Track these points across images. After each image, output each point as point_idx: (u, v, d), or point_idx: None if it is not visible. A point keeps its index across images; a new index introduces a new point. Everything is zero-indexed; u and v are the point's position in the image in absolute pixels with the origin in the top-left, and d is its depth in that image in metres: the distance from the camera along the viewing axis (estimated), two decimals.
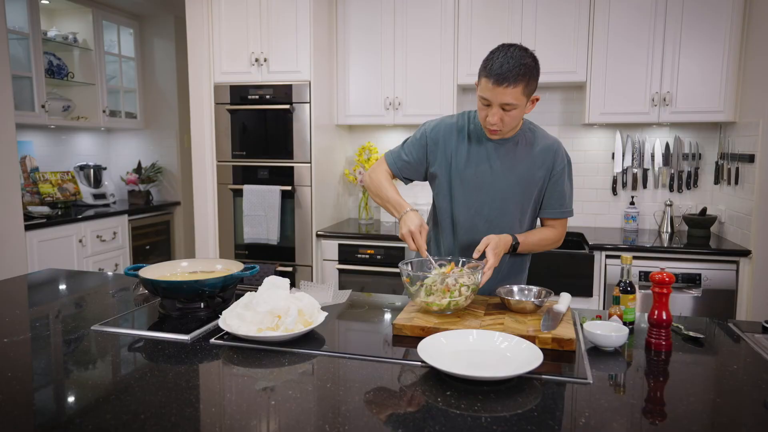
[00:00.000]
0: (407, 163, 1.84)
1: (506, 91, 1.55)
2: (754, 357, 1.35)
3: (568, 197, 1.81)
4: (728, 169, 3.14)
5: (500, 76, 1.54)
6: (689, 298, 2.90)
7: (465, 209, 1.79)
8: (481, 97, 1.62)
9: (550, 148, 1.78)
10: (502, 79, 1.54)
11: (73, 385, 1.21)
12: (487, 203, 1.77)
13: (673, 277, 1.37)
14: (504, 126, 1.64)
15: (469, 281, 1.53)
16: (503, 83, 1.54)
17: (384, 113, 3.54)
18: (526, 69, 1.56)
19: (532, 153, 1.76)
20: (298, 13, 3.26)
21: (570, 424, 1.02)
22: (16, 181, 3.26)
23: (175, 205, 4.80)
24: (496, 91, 1.56)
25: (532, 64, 1.58)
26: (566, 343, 1.35)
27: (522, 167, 1.75)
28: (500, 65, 1.54)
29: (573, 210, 1.84)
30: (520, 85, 1.56)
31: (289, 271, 3.42)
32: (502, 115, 1.61)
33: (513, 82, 1.54)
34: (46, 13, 4.15)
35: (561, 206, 1.81)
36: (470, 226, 1.80)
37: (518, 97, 1.57)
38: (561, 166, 1.78)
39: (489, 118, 1.62)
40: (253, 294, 1.48)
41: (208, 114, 3.46)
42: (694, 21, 3.06)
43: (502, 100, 1.57)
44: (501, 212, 1.77)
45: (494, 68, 1.55)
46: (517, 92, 1.56)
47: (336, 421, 1.02)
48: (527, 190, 1.77)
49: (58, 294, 1.98)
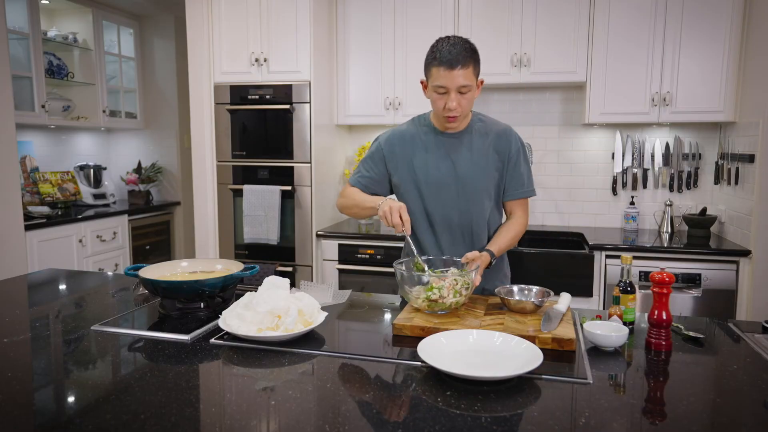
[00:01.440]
0: (370, 178, 1.89)
1: (460, 73, 1.64)
2: (754, 357, 1.35)
3: (526, 177, 1.86)
4: (728, 169, 3.14)
5: (451, 60, 1.63)
6: (689, 298, 2.90)
7: (439, 206, 1.83)
8: (436, 87, 1.68)
9: (503, 134, 1.83)
10: (454, 62, 1.62)
11: (73, 385, 1.21)
12: (456, 197, 1.82)
13: (673, 277, 1.37)
14: (463, 110, 1.71)
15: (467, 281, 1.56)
16: (456, 66, 1.63)
17: (384, 113, 3.54)
18: (472, 51, 1.67)
19: (488, 140, 1.81)
20: (298, 13, 3.26)
21: (570, 424, 1.02)
22: (16, 181, 3.26)
23: (175, 205, 4.80)
24: (450, 75, 1.64)
25: (474, 47, 1.68)
26: (566, 343, 1.35)
27: (480, 156, 1.81)
28: (449, 51, 1.63)
29: (534, 189, 1.89)
30: (470, 65, 1.65)
31: (289, 271, 3.42)
32: (459, 99, 1.68)
33: (464, 63, 1.64)
34: (46, 13, 4.15)
35: (521, 186, 1.85)
36: (446, 221, 1.84)
37: (470, 78, 1.66)
38: (516, 148, 1.83)
39: (448, 104, 1.68)
40: (253, 294, 1.48)
41: (208, 114, 3.46)
42: (694, 21, 3.06)
43: (458, 82, 1.65)
44: (472, 202, 1.82)
45: (444, 55, 1.64)
46: (468, 73, 1.65)
47: (336, 421, 1.02)
48: (490, 177, 1.82)
49: (58, 294, 1.98)
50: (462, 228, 1.84)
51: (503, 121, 1.89)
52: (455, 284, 1.52)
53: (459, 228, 1.84)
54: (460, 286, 1.53)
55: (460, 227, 1.84)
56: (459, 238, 1.85)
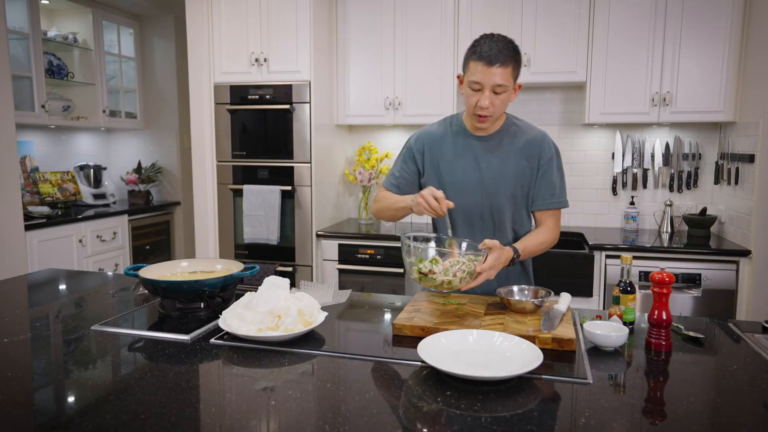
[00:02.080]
0: (402, 178, 1.86)
1: (498, 72, 1.58)
2: (754, 357, 1.35)
3: (558, 187, 1.78)
4: (728, 169, 3.14)
5: (491, 56, 1.57)
6: (689, 298, 2.90)
7: (461, 212, 1.77)
8: (472, 82, 1.62)
9: (535, 139, 1.76)
10: (493, 59, 1.57)
11: (73, 385, 1.21)
12: (480, 202, 1.77)
13: (673, 277, 1.37)
14: (495, 111, 1.65)
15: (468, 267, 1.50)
16: (495, 63, 1.57)
17: (384, 113, 3.54)
18: (515, 51, 1.61)
19: (518, 146, 1.75)
20: (298, 13, 3.26)
21: (570, 424, 1.02)
22: (16, 181, 3.26)
23: (175, 205, 4.80)
24: (487, 73, 1.58)
25: (517, 48, 1.62)
26: (566, 343, 1.35)
27: (509, 162, 1.75)
28: (489, 48, 1.58)
29: (567, 201, 1.81)
30: (510, 65, 1.59)
31: (289, 271, 3.42)
32: (493, 99, 1.62)
33: (503, 62, 1.58)
34: (46, 13, 4.15)
35: (551, 197, 1.78)
36: (468, 227, 1.80)
37: (508, 79, 1.60)
38: (548, 156, 1.76)
39: (480, 102, 1.63)
40: (253, 294, 1.48)
41: (208, 114, 3.46)
42: (694, 21, 3.06)
43: (494, 81, 1.59)
44: (495, 209, 1.77)
45: (484, 50, 1.58)
46: (507, 73, 1.59)
47: (336, 421, 1.02)
48: (517, 184, 1.76)
49: (58, 294, 1.98)
50: (483, 233, 1.78)
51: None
52: (453, 265, 1.48)
53: (480, 233, 1.78)
54: (457, 268, 1.48)
55: (481, 232, 1.79)
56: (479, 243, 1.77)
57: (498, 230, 1.80)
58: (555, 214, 1.81)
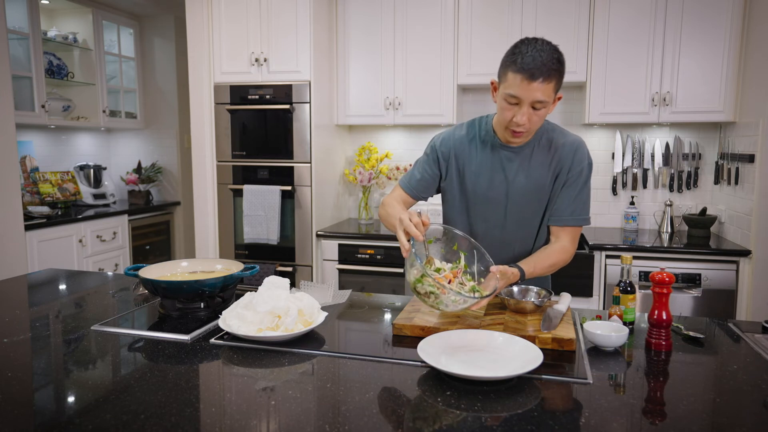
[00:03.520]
0: (421, 180, 1.75)
1: (539, 87, 1.42)
2: (754, 357, 1.35)
3: (582, 203, 1.64)
4: (728, 169, 3.14)
5: (534, 70, 1.40)
6: (689, 298, 2.90)
7: (481, 222, 1.71)
8: (509, 95, 1.47)
9: (568, 147, 1.63)
10: (536, 73, 1.41)
11: (73, 385, 1.21)
12: (503, 215, 1.69)
13: (673, 277, 1.37)
14: (531, 127, 1.51)
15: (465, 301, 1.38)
16: (537, 78, 1.41)
17: (384, 113, 3.54)
18: (559, 62, 1.45)
19: (549, 156, 1.63)
20: (298, 13, 3.26)
21: (570, 424, 1.02)
22: (16, 181, 3.26)
23: (175, 205, 4.80)
24: (528, 88, 1.42)
25: (562, 58, 1.47)
26: (566, 343, 1.35)
27: (538, 173, 1.63)
28: (533, 59, 1.41)
29: (589, 218, 1.67)
30: (553, 80, 1.44)
31: (289, 271, 3.42)
32: (530, 115, 1.48)
33: (547, 76, 1.42)
34: (46, 13, 4.15)
35: (572, 213, 1.64)
36: (488, 238, 1.71)
37: (549, 94, 1.45)
38: (578, 169, 1.62)
39: (517, 118, 1.48)
40: (253, 294, 1.48)
41: (208, 114, 3.46)
42: (694, 21, 3.06)
43: (534, 97, 1.44)
44: (519, 223, 1.69)
45: (526, 62, 1.41)
46: (549, 88, 1.44)
47: (336, 421, 1.02)
48: (543, 197, 1.66)
49: (58, 294, 1.98)
50: (503, 248, 1.70)
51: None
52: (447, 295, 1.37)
53: (501, 248, 1.69)
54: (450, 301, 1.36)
55: (501, 247, 1.70)
56: (499, 258, 1.66)
57: (520, 246, 1.72)
58: (573, 231, 1.67)
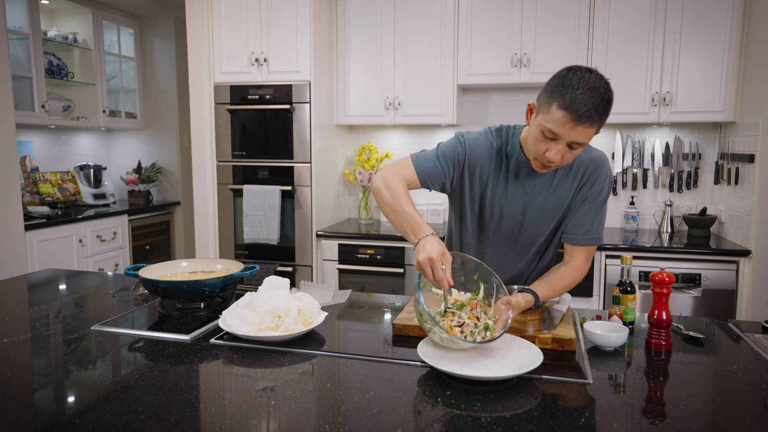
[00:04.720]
0: (439, 171, 1.57)
1: (583, 130, 1.32)
2: (754, 357, 1.35)
3: (599, 223, 1.58)
4: (728, 169, 3.14)
5: (582, 113, 1.29)
6: (689, 298, 2.90)
7: (494, 239, 1.66)
8: (548, 130, 1.35)
9: (588, 162, 1.54)
10: (584, 117, 1.30)
11: (73, 385, 1.21)
12: (519, 234, 1.64)
13: (673, 277, 1.37)
14: (563, 163, 1.43)
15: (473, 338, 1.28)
16: (584, 122, 1.30)
17: (384, 113, 3.54)
18: (608, 104, 1.33)
19: (572, 171, 1.55)
20: (298, 13, 3.26)
21: (570, 424, 1.02)
22: (16, 181, 3.26)
23: (175, 205, 4.80)
24: (571, 129, 1.32)
25: (612, 98, 1.34)
26: (566, 343, 1.35)
27: (559, 192, 1.57)
28: (584, 101, 1.29)
29: (602, 237, 1.60)
30: (598, 123, 1.33)
31: (289, 271, 3.42)
32: (565, 153, 1.38)
33: (593, 120, 1.31)
34: (46, 13, 4.15)
35: (587, 232, 1.56)
36: (500, 255, 1.67)
37: (590, 136, 1.35)
38: (599, 188, 1.55)
39: (550, 154, 1.38)
40: (253, 294, 1.48)
41: (208, 114, 3.46)
42: (694, 21, 3.06)
43: (574, 138, 1.34)
44: (534, 242, 1.65)
45: (576, 101, 1.29)
46: (591, 132, 1.34)
47: (336, 421, 1.02)
48: (561, 212, 1.60)
49: (58, 294, 1.98)
50: (513, 268, 1.67)
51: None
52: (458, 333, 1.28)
53: (511, 268, 1.66)
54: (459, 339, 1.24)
55: (512, 267, 1.66)
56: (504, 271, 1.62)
57: (527, 255, 1.68)
58: (588, 250, 1.59)
